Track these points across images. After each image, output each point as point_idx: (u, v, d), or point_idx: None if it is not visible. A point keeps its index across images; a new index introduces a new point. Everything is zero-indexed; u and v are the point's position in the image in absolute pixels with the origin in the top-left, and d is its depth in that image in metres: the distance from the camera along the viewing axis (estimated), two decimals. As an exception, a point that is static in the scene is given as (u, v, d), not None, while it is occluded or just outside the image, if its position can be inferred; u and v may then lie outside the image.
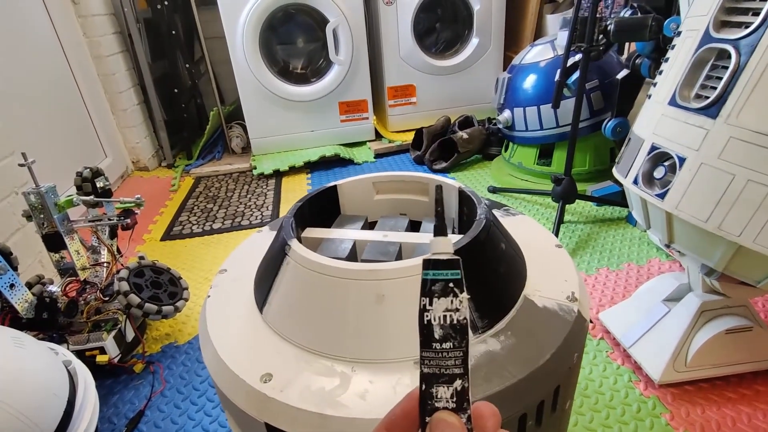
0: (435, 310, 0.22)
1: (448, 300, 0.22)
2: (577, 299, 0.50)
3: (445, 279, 0.22)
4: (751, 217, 0.60)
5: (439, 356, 0.22)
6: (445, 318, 0.22)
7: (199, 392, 0.92)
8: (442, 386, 0.22)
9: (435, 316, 0.22)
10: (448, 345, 0.22)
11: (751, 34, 0.60)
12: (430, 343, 0.22)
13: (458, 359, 0.22)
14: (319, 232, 0.60)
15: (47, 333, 0.91)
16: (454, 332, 0.22)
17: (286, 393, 0.41)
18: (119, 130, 2.11)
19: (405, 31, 2.07)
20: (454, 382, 0.22)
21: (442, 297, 0.22)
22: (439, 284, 0.22)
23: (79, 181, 1.03)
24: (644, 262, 1.21)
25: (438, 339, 0.22)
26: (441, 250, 0.23)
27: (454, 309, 0.22)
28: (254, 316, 0.52)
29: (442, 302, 0.22)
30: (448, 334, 0.22)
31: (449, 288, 0.22)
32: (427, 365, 0.23)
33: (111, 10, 2.03)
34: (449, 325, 0.22)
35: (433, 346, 0.22)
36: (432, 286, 0.22)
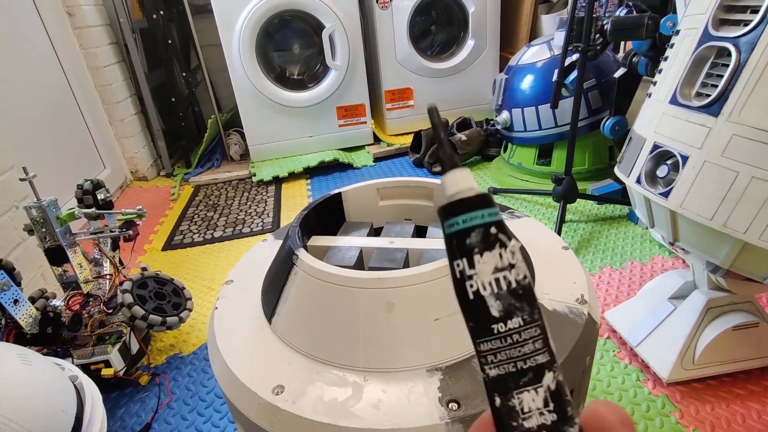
0: (481, 274, 0.15)
1: (495, 254, 0.15)
2: (587, 301, 0.50)
3: (483, 224, 0.15)
4: (757, 213, 0.60)
5: (508, 343, 0.15)
6: (499, 282, 0.15)
7: (206, 403, 0.91)
8: (527, 390, 0.15)
9: (483, 283, 0.15)
10: (516, 322, 0.15)
11: (751, 31, 0.60)
12: (489, 327, 0.15)
13: (538, 339, 0.15)
14: (325, 240, 0.60)
15: (51, 348, 0.91)
16: (518, 300, 0.15)
17: (299, 404, 0.41)
18: (117, 141, 2.10)
19: (401, 35, 2.07)
20: (543, 377, 0.15)
21: (486, 251, 0.15)
22: (476, 233, 0.15)
23: (80, 193, 1.03)
24: (647, 259, 1.21)
25: (499, 317, 0.15)
26: (462, 186, 0.16)
27: (508, 266, 0.15)
28: (263, 326, 0.51)
29: (488, 259, 0.15)
30: (511, 306, 0.15)
31: (492, 236, 0.15)
32: (494, 364, 0.15)
33: (106, 21, 2.03)
34: (508, 291, 0.15)
35: (494, 331, 0.15)
36: (466, 240, 0.15)
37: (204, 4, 2.19)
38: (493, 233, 0.15)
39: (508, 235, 0.15)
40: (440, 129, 0.17)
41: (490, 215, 0.15)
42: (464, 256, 0.15)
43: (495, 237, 0.15)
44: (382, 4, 2.02)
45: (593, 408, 0.16)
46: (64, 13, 1.84)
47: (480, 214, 0.15)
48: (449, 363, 0.43)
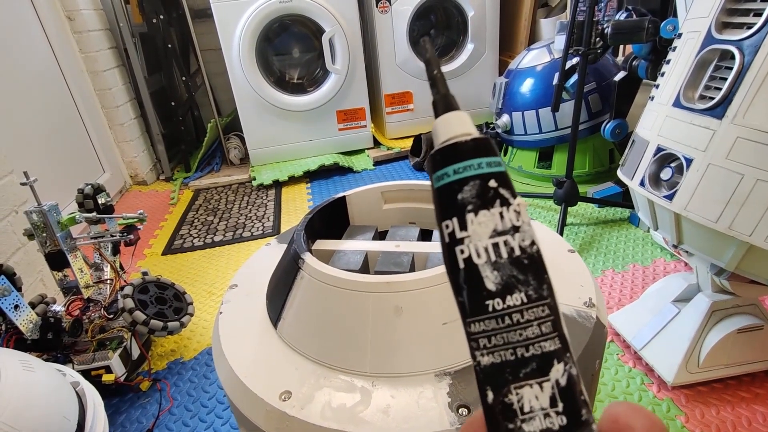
0: (475, 237, 0.12)
1: (494, 213, 0.12)
2: (595, 305, 0.49)
3: (479, 175, 0.12)
4: (762, 215, 0.60)
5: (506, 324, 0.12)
6: (498, 249, 0.12)
7: (208, 409, 0.90)
8: (529, 385, 0.12)
9: (478, 249, 0.12)
10: (518, 299, 0.12)
11: (754, 34, 0.60)
12: (482, 303, 0.12)
13: (545, 322, 0.12)
14: (330, 244, 0.59)
15: (52, 353, 0.90)
16: (523, 271, 0.12)
17: (307, 410, 0.41)
18: (117, 145, 2.10)
19: (401, 39, 2.08)
20: (550, 369, 0.12)
21: (483, 209, 0.12)
22: (471, 187, 0.12)
23: (81, 197, 1.02)
24: (649, 262, 1.21)
25: (495, 291, 0.12)
26: (456, 131, 0.13)
27: (510, 228, 0.12)
28: (269, 331, 0.51)
29: (485, 220, 0.12)
30: (512, 279, 0.12)
31: (491, 190, 0.12)
32: (487, 349, 0.12)
33: (106, 26, 2.03)
34: (509, 260, 0.12)
35: (488, 308, 0.12)
36: (458, 195, 0.12)
37: (204, 8, 2.19)
38: (493, 187, 0.12)
39: (512, 191, 0.12)
40: (434, 65, 0.15)
41: (490, 165, 0.12)
42: (455, 215, 0.12)
43: (495, 192, 0.12)
44: (382, 8, 2.03)
45: (613, 411, 0.13)
46: (64, 17, 1.84)
47: (476, 163, 0.12)
48: (458, 367, 0.43)
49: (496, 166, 0.13)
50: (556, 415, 0.12)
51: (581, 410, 0.12)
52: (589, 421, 0.12)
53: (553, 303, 0.13)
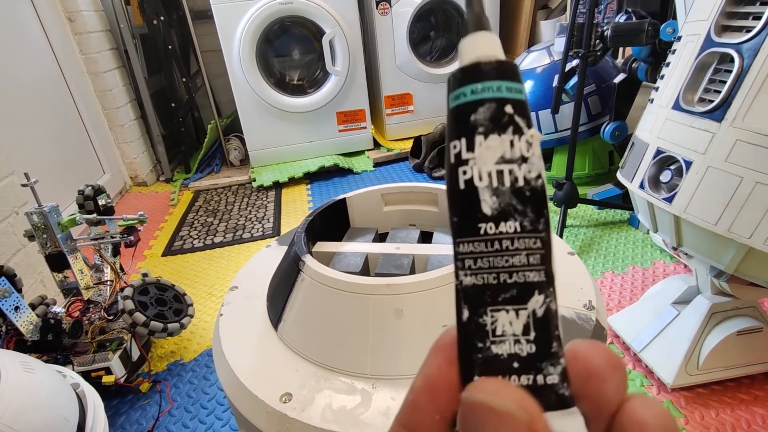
0: (480, 160, 0.12)
1: (505, 140, 0.12)
2: (595, 307, 0.50)
3: (496, 98, 0.12)
4: (761, 218, 0.60)
5: (495, 249, 0.12)
6: (502, 176, 0.12)
7: (208, 410, 0.90)
8: (505, 309, 0.12)
9: (480, 172, 0.12)
10: (511, 226, 0.12)
11: (754, 38, 0.60)
12: (475, 225, 0.12)
13: (534, 254, 0.12)
14: (330, 246, 0.59)
15: (52, 355, 0.90)
16: (522, 202, 0.12)
17: (308, 412, 0.41)
18: (117, 146, 2.10)
19: (401, 40, 2.08)
20: (530, 298, 0.12)
21: (493, 134, 0.12)
22: (485, 109, 0.12)
23: (81, 199, 1.02)
24: (649, 264, 1.21)
25: (490, 215, 0.12)
26: (481, 52, 0.13)
27: (519, 158, 0.12)
28: (269, 333, 0.51)
29: (493, 144, 0.12)
30: (510, 207, 0.12)
31: (507, 116, 0.12)
32: (471, 270, 0.12)
33: (107, 27, 2.03)
34: (511, 188, 0.12)
35: (480, 230, 0.12)
36: (471, 116, 0.12)
37: (204, 9, 2.20)
38: (508, 113, 0.12)
39: (527, 121, 0.12)
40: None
41: (511, 90, 0.12)
42: (464, 136, 0.12)
43: (510, 118, 0.12)
44: (382, 10, 2.03)
45: (574, 347, 0.13)
46: (65, 19, 1.84)
47: (495, 86, 0.12)
48: (458, 370, 0.43)
49: (517, 93, 0.12)
50: (527, 342, 0.12)
51: (552, 343, 0.12)
52: (558, 354, 0.12)
53: (546, 237, 0.12)
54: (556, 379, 0.12)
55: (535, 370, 0.12)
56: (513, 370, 0.12)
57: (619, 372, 0.13)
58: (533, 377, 0.12)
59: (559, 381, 0.12)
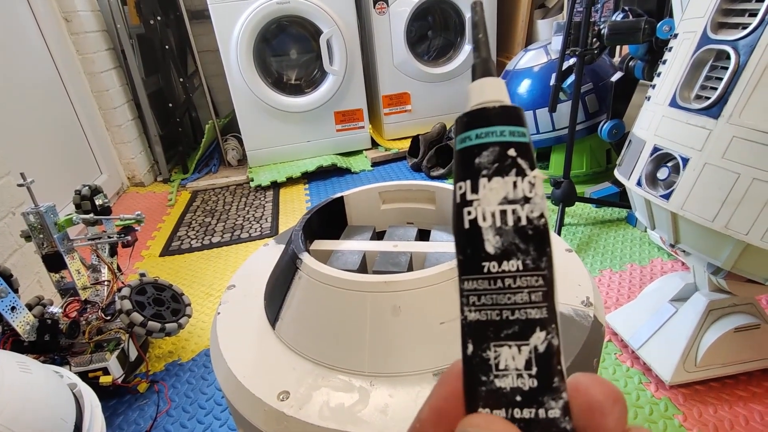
0: (484, 201, 0.13)
1: (507, 182, 0.13)
2: (592, 304, 0.50)
3: (500, 142, 0.13)
4: (758, 215, 0.60)
5: (498, 287, 0.13)
6: (505, 216, 0.13)
7: (206, 410, 0.90)
8: (507, 345, 0.13)
9: (485, 213, 0.13)
10: (514, 265, 0.13)
11: (750, 34, 0.61)
12: (479, 263, 0.13)
13: (536, 291, 0.13)
14: (328, 244, 0.59)
15: (49, 355, 0.89)
16: (525, 241, 0.13)
17: (306, 410, 0.41)
18: (114, 146, 2.09)
19: (398, 40, 2.08)
20: (531, 335, 0.13)
21: (497, 176, 0.13)
22: (490, 152, 0.13)
23: (78, 199, 1.02)
24: (647, 262, 1.21)
25: (493, 254, 0.13)
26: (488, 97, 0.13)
27: (522, 198, 0.13)
28: (267, 332, 0.51)
29: (497, 186, 0.13)
30: (513, 246, 0.13)
31: (509, 159, 0.13)
32: (475, 306, 0.13)
33: (103, 27, 2.02)
34: (514, 228, 0.13)
35: (484, 269, 0.13)
36: (475, 159, 0.13)
37: (201, 9, 2.20)
38: (511, 156, 0.13)
39: (530, 163, 0.13)
40: (480, 28, 0.15)
41: (514, 134, 0.13)
42: (469, 178, 0.13)
43: (512, 161, 0.13)
44: (380, 9, 2.03)
45: (575, 381, 0.13)
46: (61, 19, 1.83)
47: (499, 130, 0.13)
48: (456, 367, 0.43)
49: (520, 136, 0.13)
50: (529, 377, 0.13)
51: (554, 377, 0.13)
52: (560, 389, 0.13)
53: (549, 275, 0.13)
54: (557, 413, 0.12)
55: (537, 404, 0.13)
56: (515, 403, 0.13)
57: (620, 405, 0.13)
58: (535, 411, 0.13)
59: (561, 415, 0.12)
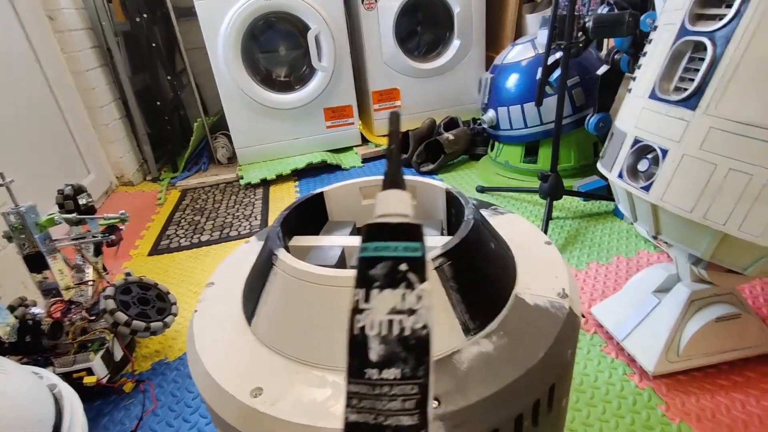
0: (374, 311, 0.14)
1: (397, 294, 0.14)
2: (568, 295, 0.50)
3: (393, 257, 0.13)
4: (735, 205, 0.60)
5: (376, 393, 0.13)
6: (391, 326, 0.13)
7: (192, 409, 0.90)
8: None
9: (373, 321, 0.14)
10: (393, 373, 0.13)
11: (726, 25, 0.61)
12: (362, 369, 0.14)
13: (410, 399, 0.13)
14: (306, 240, 0.59)
15: (32, 357, 0.89)
16: (406, 350, 0.13)
17: (278, 406, 0.40)
18: (102, 146, 2.07)
19: (387, 36, 2.07)
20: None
21: (387, 288, 0.14)
22: (383, 266, 0.14)
23: (61, 198, 1.01)
24: (633, 254, 1.22)
25: (375, 362, 0.13)
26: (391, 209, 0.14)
27: (407, 310, 0.14)
28: (243, 329, 0.51)
29: (387, 297, 0.14)
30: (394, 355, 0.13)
31: (400, 273, 0.14)
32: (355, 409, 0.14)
33: (88, 25, 2.00)
34: (398, 338, 0.13)
35: (365, 375, 0.14)
36: (370, 270, 0.14)
37: (188, 6, 2.17)
38: (402, 270, 0.14)
39: (420, 276, 0.14)
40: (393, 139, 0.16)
41: (408, 249, 0.14)
42: (364, 287, 0.14)
43: (403, 275, 0.14)
44: (368, 5, 2.02)
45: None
46: (45, 16, 1.81)
47: (394, 246, 0.14)
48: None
49: (413, 251, 0.14)
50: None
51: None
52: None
53: (425, 383, 0.14)
54: None
55: None
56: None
57: None
58: None
59: None
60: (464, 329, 0.44)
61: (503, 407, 0.40)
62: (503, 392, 0.40)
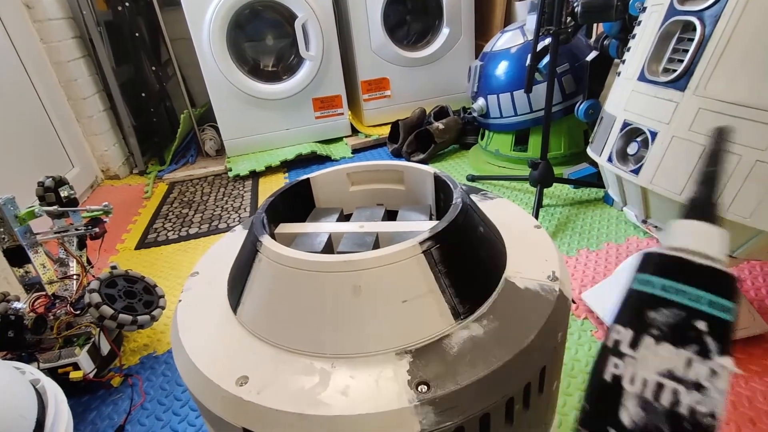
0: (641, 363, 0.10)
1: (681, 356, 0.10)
2: (558, 278, 0.49)
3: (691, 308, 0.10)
4: (724, 186, 0.60)
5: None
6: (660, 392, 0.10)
7: (182, 402, 0.89)
8: None
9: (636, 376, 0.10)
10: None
11: (715, 4, 0.60)
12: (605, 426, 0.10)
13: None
14: (292, 227, 0.58)
15: (15, 353, 0.87)
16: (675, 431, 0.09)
17: (264, 395, 0.39)
18: (86, 138, 2.03)
19: (375, 24, 2.05)
20: None
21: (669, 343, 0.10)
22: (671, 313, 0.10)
23: (41, 191, 0.98)
24: (623, 240, 1.22)
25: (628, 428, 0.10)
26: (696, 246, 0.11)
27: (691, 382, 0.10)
28: (228, 318, 0.50)
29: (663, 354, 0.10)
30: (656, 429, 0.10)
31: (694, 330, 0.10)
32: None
33: (69, 14, 1.95)
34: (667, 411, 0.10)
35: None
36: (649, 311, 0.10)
37: (171, -5, 2.12)
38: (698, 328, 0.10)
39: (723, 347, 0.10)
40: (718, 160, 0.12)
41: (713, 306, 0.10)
42: (631, 327, 0.10)
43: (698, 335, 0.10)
44: (356, -8, 1.99)
45: None
46: (22, 5, 1.75)
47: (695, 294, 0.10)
48: (419, 345, 0.42)
49: (721, 311, 0.10)
50: None
51: None
52: None
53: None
54: None
55: None
56: None
57: None
58: None
59: None
60: (454, 313, 0.43)
61: (494, 391, 0.39)
62: (494, 375, 0.39)
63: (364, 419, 0.37)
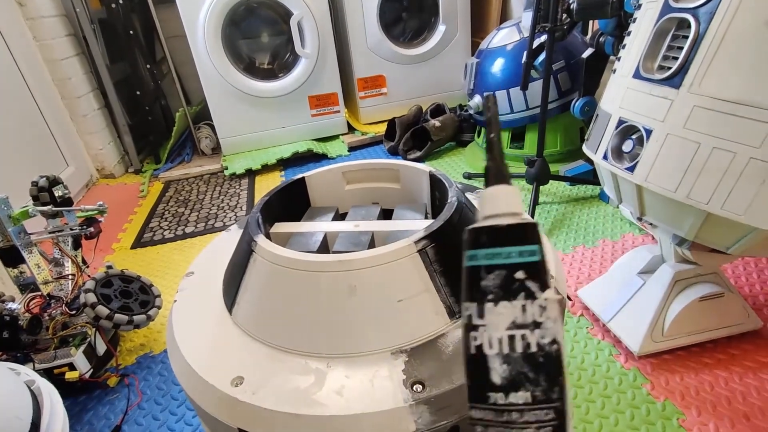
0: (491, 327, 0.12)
1: (516, 306, 0.12)
2: (554, 276, 0.49)
3: (507, 264, 0.12)
4: (718, 183, 0.60)
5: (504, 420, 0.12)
6: (513, 342, 0.12)
7: (178, 402, 0.89)
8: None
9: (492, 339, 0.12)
10: (522, 397, 0.12)
11: (709, 1, 0.60)
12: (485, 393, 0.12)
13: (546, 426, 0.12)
14: (287, 227, 0.58)
15: (10, 353, 0.86)
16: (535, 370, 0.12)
17: (259, 395, 0.39)
18: (80, 137, 2.02)
19: (371, 22, 2.04)
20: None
21: (504, 300, 0.12)
22: (496, 276, 0.12)
23: (35, 191, 0.98)
24: (618, 237, 1.22)
25: (500, 384, 0.12)
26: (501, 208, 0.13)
27: (530, 323, 0.12)
28: (224, 318, 0.49)
29: (504, 311, 0.12)
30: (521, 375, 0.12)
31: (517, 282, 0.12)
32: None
33: (62, 12, 1.93)
34: (523, 355, 0.12)
35: (489, 399, 0.12)
36: (481, 281, 0.12)
37: (166, -8, 2.11)
38: (519, 279, 0.12)
39: (541, 284, 0.12)
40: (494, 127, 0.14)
41: (523, 254, 0.12)
42: (475, 301, 0.12)
43: (520, 284, 0.12)
44: (351, -11, 1.98)
45: None
46: (14, 2, 1.74)
47: (507, 252, 0.12)
48: (414, 345, 0.42)
49: (529, 256, 0.12)
50: None
51: None
52: None
53: (561, 407, 0.12)
54: None
55: None
56: None
57: None
58: None
59: None
60: (449, 312, 0.43)
61: (488, 389, 0.39)
62: (488, 374, 0.39)
63: (360, 419, 0.37)
